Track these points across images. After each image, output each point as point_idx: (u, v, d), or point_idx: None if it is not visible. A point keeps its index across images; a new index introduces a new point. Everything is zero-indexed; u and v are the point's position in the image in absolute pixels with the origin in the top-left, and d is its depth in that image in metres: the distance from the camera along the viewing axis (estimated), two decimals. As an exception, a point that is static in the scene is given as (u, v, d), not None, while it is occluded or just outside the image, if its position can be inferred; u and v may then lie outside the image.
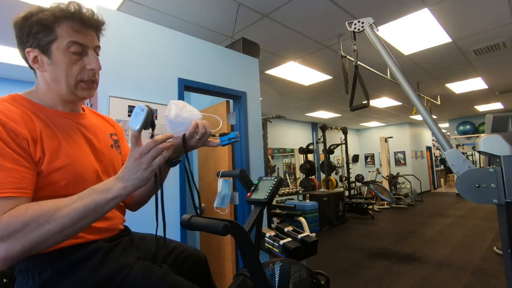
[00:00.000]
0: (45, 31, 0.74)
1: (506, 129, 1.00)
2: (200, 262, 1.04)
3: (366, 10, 2.86)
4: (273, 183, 1.20)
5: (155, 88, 2.03)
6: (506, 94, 6.77)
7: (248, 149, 2.57)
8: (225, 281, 2.50)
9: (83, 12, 0.77)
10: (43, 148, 0.71)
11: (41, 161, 0.70)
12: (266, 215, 2.75)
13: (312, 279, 1.06)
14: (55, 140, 0.75)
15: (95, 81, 0.84)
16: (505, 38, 3.67)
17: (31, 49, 0.76)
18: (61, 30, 0.74)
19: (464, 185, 0.89)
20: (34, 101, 0.78)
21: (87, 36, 0.78)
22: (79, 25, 0.76)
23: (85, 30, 0.78)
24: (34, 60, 0.77)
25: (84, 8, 0.77)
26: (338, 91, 5.74)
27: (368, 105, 1.69)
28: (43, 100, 0.79)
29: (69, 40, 0.75)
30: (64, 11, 0.74)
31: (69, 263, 0.71)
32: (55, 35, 0.74)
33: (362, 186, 8.77)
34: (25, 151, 0.67)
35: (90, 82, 0.82)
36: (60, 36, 0.74)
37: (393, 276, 3.06)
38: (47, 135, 0.74)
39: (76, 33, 0.76)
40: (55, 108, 0.81)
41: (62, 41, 0.75)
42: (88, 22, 0.78)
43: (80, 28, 0.77)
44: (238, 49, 2.73)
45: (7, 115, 0.67)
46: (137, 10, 2.63)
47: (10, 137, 0.66)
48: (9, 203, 0.62)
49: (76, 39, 0.76)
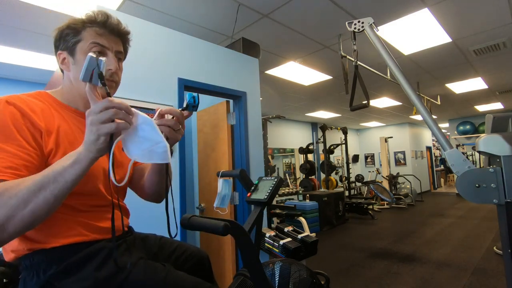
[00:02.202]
0: (72, 34, 0.80)
1: (506, 129, 1.00)
2: (203, 261, 1.05)
3: (366, 10, 2.86)
4: (273, 183, 1.21)
5: (155, 88, 2.03)
6: (506, 94, 6.77)
7: (248, 149, 2.56)
8: (225, 281, 2.50)
9: (109, 20, 0.83)
10: (57, 141, 0.74)
11: (52, 152, 0.72)
12: (266, 215, 2.75)
13: (312, 279, 1.06)
14: (70, 136, 0.78)
15: (115, 81, 0.86)
16: (505, 38, 3.67)
17: (61, 51, 0.82)
18: (86, 33, 0.81)
19: (464, 185, 0.89)
20: (59, 99, 0.83)
21: (109, 41, 0.83)
22: (102, 30, 0.82)
23: (108, 35, 0.83)
24: (63, 62, 0.83)
25: (111, 18, 0.84)
26: (338, 91, 5.74)
27: (368, 105, 1.69)
28: (66, 100, 0.84)
29: (91, 41, 0.80)
30: (92, 17, 0.81)
31: (73, 261, 0.72)
32: (80, 37, 0.80)
33: (362, 186, 8.77)
34: (37, 142, 0.70)
35: (109, 81, 0.84)
36: (84, 38, 0.80)
37: (393, 276, 3.06)
38: (64, 130, 0.77)
39: (99, 36, 0.82)
40: (77, 108, 0.85)
41: (85, 43, 0.80)
42: (111, 28, 0.84)
43: (104, 32, 0.82)
44: (238, 49, 2.73)
45: (29, 106, 0.72)
46: (137, 10, 2.63)
47: (26, 125, 0.69)
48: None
49: (98, 40, 0.81)
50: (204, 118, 2.93)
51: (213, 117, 2.77)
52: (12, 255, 0.72)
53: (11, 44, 3.10)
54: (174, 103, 2.11)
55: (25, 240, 0.71)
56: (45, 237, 0.71)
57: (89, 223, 0.78)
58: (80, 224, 0.76)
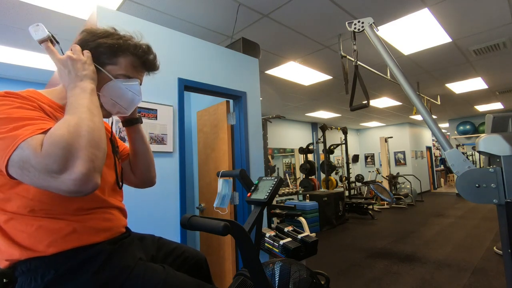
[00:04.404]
0: (109, 54, 0.82)
1: (506, 129, 1.00)
2: (201, 263, 1.04)
3: (366, 10, 2.86)
4: (273, 183, 1.21)
5: (155, 88, 2.02)
6: (506, 94, 6.77)
7: (248, 149, 2.56)
8: (225, 281, 2.50)
9: (148, 56, 0.88)
10: None
11: None
12: (266, 215, 2.75)
13: (312, 279, 1.06)
14: None
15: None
16: (505, 38, 3.67)
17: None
18: (123, 60, 0.83)
19: (464, 185, 0.89)
20: (53, 100, 0.81)
21: (140, 75, 0.88)
22: (138, 64, 0.86)
23: (141, 69, 0.88)
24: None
25: (151, 54, 0.88)
26: (338, 91, 5.74)
27: (368, 105, 1.69)
28: (63, 101, 0.82)
29: (124, 73, 0.84)
30: (135, 48, 0.85)
31: (71, 266, 0.71)
32: (115, 60, 0.83)
33: (362, 186, 8.77)
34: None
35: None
36: (119, 64, 0.83)
37: (393, 276, 3.06)
38: None
39: (133, 69, 0.86)
40: None
41: (118, 69, 0.83)
42: (147, 65, 0.89)
43: (138, 66, 0.87)
44: (238, 49, 2.73)
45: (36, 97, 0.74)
46: (137, 10, 2.63)
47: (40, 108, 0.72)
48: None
49: (130, 74, 0.85)
50: (204, 118, 2.93)
51: (213, 117, 2.77)
52: (7, 263, 0.70)
53: (11, 44, 3.10)
54: (174, 103, 2.11)
55: (21, 249, 0.69)
56: (42, 246, 0.69)
57: (86, 226, 0.76)
58: (77, 228, 0.74)
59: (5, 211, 0.68)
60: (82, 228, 0.75)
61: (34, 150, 0.58)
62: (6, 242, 0.69)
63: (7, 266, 0.70)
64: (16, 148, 0.59)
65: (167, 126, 2.04)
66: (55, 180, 0.58)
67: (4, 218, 0.69)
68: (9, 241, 0.69)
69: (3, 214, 0.69)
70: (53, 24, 2.73)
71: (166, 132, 2.02)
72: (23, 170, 0.59)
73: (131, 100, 0.86)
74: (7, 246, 0.69)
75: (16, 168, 0.59)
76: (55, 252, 0.70)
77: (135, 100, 0.87)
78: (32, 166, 0.58)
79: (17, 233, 0.69)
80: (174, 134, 2.08)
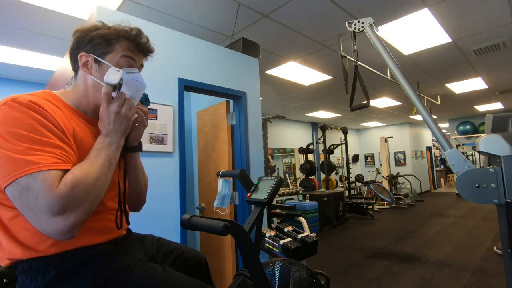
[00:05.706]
0: (104, 44, 0.84)
1: (506, 129, 1.00)
2: (201, 263, 1.04)
3: (366, 10, 2.86)
4: (273, 183, 1.21)
5: (155, 88, 2.02)
6: (506, 94, 6.77)
7: (248, 149, 2.56)
8: (225, 281, 2.50)
9: (141, 38, 0.89)
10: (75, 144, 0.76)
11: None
12: (266, 215, 2.75)
13: (312, 279, 1.06)
14: (78, 139, 0.79)
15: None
16: (505, 38, 3.67)
17: (85, 54, 0.84)
18: (118, 46, 0.85)
19: (464, 185, 0.89)
20: (68, 103, 0.83)
21: (138, 59, 0.91)
22: (133, 47, 0.88)
23: (137, 53, 0.90)
24: (84, 64, 0.84)
25: (143, 36, 0.90)
26: (338, 91, 5.74)
27: (368, 105, 1.69)
28: (76, 103, 0.85)
29: (122, 54, 0.85)
30: (126, 32, 0.86)
31: (72, 266, 0.71)
32: (112, 48, 0.84)
33: (362, 186, 8.77)
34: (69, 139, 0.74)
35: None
36: (115, 50, 0.85)
37: (393, 276, 3.06)
38: (78, 133, 0.79)
39: (130, 51, 0.87)
40: (86, 113, 0.87)
41: (116, 54, 0.85)
42: (141, 47, 0.90)
43: (134, 49, 0.88)
44: (238, 49, 2.73)
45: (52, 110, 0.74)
46: (137, 10, 2.63)
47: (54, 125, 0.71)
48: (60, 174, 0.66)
49: (129, 54, 0.87)
50: (204, 118, 2.93)
51: (213, 117, 2.77)
52: (8, 262, 0.70)
53: (11, 44, 3.10)
54: (174, 103, 2.11)
55: (23, 248, 0.69)
56: (45, 246, 0.70)
57: (88, 227, 0.76)
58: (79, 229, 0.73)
59: (11, 207, 0.68)
60: (84, 229, 0.75)
61: (49, 186, 0.61)
62: (9, 240, 0.69)
63: (8, 264, 0.70)
64: (27, 174, 0.60)
65: (167, 126, 2.04)
66: (45, 219, 0.61)
67: (10, 215, 0.69)
68: (12, 239, 0.69)
69: (9, 211, 0.69)
70: (53, 24, 2.73)
71: (166, 132, 2.02)
72: (22, 195, 0.61)
73: (135, 88, 0.87)
74: (10, 245, 0.69)
75: (15, 190, 0.61)
76: (56, 252, 0.70)
77: (140, 87, 0.89)
78: (36, 198, 0.60)
79: (21, 230, 0.69)
80: (174, 134, 2.08)
